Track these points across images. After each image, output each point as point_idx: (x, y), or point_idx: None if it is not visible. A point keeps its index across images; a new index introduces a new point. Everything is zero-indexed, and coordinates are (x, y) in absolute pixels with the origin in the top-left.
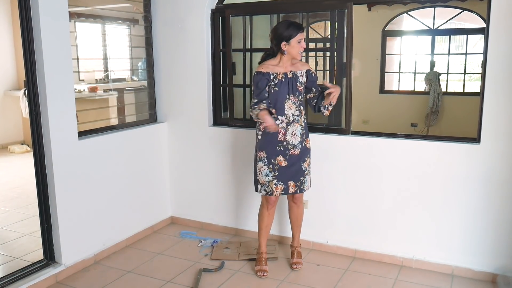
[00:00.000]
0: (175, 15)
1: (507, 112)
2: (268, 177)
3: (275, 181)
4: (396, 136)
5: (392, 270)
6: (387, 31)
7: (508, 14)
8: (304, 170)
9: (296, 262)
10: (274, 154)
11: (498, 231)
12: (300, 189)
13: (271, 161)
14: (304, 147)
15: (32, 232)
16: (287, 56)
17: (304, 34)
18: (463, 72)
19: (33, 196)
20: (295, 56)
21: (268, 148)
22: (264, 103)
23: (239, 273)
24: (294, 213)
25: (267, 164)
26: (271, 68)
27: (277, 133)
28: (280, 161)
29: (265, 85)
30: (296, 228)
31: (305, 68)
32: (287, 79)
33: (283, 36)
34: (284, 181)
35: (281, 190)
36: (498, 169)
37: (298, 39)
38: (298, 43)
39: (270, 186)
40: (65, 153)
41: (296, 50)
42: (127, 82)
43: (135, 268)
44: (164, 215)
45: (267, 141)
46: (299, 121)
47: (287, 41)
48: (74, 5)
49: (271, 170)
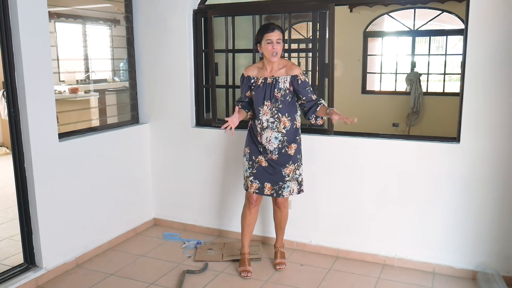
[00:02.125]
0: (157, 15)
1: (486, 112)
2: (247, 173)
3: (252, 178)
4: (378, 136)
5: (375, 269)
6: (368, 32)
7: (486, 16)
8: (284, 176)
9: (279, 263)
10: (256, 152)
11: (478, 229)
12: (277, 194)
13: (252, 158)
14: (285, 153)
15: (12, 235)
16: (265, 60)
17: (274, 34)
18: (443, 72)
19: (12, 199)
20: (268, 57)
21: (252, 145)
22: (241, 103)
23: (223, 274)
24: (277, 216)
25: (248, 160)
26: (256, 71)
27: (257, 134)
28: (261, 160)
29: (246, 88)
30: (279, 230)
31: (292, 74)
32: (265, 84)
33: (256, 38)
34: (261, 180)
35: (255, 189)
36: (478, 168)
37: (267, 40)
38: (268, 44)
39: (247, 183)
40: (45, 155)
41: (267, 51)
42: (108, 83)
43: (118, 270)
44: (147, 217)
45: (251, 139)
46: (276, 128)
47: (260, 43)
48: (53, 5)
49: (250, 167)
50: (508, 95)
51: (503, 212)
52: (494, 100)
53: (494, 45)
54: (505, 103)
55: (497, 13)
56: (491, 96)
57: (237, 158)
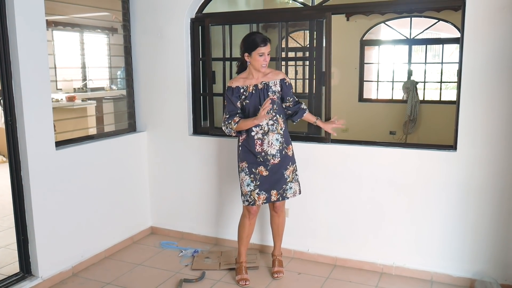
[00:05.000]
0: (154, 24)
1: (482, 119)
2: (250, 187)
3: (257, 190)
4: (375, 144)
5: (373, 277)
6: (365, 40)
7: (482, 24)
8: (286, 178)
9: (277, 271)
10: (255, 163)
11: (476, 237)
12: (283, 197)
13: (252, 170)
14: (285, 155)
15: (7, 244)
16: (250, 69)
17: (267, 48)
18: (440, 80)
19: (8, 208)
20: (258, 69)
21: (249, 158)
22: (237, 115)
23: (220, 283)
24: (275, 222)
25: (248, 174)
26: (241, 81)
27: (255, 144)
28: (261, 170)
29: (236, 99)
30: (277, 237)
31: (279, 78)
32: (257, 90)
33: (246, 47)
34: (267, 190)
35: (263, 200)
36: (475, 175)
37: (259, 53)
38: (259, 56)
39: (253, 196)
40: (42, 163)
41: (258, 63)
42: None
43: (114, 279)
44: (144, 226)
45: (247, 152)
46: (276, 130)
47: (249, 53)
48: (51, 13)
49: (253, 180)
50: (504, 103)
51: (501, 220)
52: (490, 108)
53: (490, 53)
54: (501, 111)
55: (493, 22)
56: (488, 104)
57: (234, 167)
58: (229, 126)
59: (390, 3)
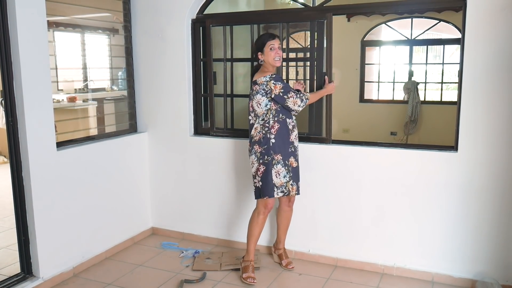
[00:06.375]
0: (155, 24)
1: (483, 120)
2: (286, 178)
3: (291, 181)
4: (376, 144)
5: (374, 278)
6: (366, 41)
7: (482, 25)
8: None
9: (290, 262)
10: (287, 155)
11: (477, 237)
12: (299, 191)
13: (285, 162)
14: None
15: (8, 245)
16: (267, 66)
17: (276, 41)
18: (441, 81)
19: (9, 208)
20: (272, 63)
21: (283, 150)
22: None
23: (221, 284)
24: (286, 216)
25: (283, 165)
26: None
27: (289, 134)
28: (292, 162)
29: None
30: (285, 232)
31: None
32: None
33: (257, 47)
34: (296, 181)
35: (296, 190)
36: (476, 176)
37: (269, 46)
38: (270, 50)
39: (288, 187)
40: (43, 164)
41: (270, 56)
42: (106, 91)
43: (115, 280)
44: (144, 226)
45: (281, 144)
46: (297, 126)
47: (261, 51)
48: (52, 14)
49: (287, 171)
50: (505, 104)
51: (502, 221)
52: (491, 108)
53: (491, 54)
54: (502, 112)
55: (494, 22)
56: (489, 105)
57: (235, 167)
58: (304, 98)
59: (391, 4)
